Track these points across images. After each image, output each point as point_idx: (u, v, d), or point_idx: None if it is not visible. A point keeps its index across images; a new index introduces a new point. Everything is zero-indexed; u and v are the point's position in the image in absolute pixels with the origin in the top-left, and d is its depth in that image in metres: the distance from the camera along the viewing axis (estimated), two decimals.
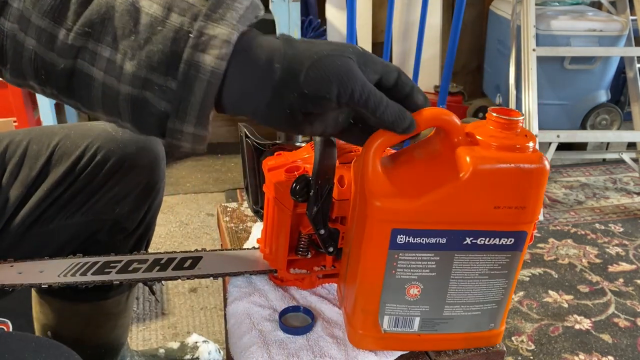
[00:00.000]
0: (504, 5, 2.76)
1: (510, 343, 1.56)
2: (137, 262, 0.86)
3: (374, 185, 0.62)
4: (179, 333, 1.57)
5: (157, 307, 1.67)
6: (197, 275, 0.87)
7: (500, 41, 2.80)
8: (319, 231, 0.81)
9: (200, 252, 0.91)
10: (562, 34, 2.44)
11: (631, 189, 2.56)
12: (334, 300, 0.92)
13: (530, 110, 2.26)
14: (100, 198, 0.96)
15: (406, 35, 3.12)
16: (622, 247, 2.06)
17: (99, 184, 0.94)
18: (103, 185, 0.95)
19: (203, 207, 2.26)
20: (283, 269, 0.88)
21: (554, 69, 2.50)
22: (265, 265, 0.91)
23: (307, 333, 0.83)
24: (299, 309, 0.86)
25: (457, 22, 2.29)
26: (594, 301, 1.76)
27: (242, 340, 0.81)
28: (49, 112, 2.18)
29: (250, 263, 0.93)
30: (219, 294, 1.74)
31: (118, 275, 0.82)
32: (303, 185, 0.76)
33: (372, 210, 0.62)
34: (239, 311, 0.86)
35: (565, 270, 1.91)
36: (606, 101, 2.60)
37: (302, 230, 0.86)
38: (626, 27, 2.46)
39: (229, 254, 0.95)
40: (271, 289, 0.92)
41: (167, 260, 0.87)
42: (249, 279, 0.94)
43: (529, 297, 1.76)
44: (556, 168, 2.75)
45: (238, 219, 1.15)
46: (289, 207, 0.82)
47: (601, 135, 2.47)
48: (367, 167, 0.63)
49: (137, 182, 0.98)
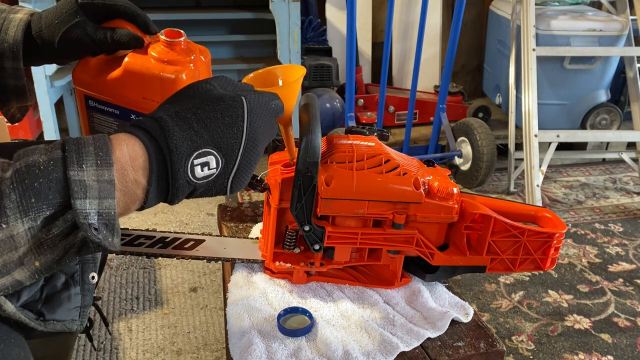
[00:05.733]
0: (504, 5, 2.76)
1: (510, 343, 1.57)
2: (144, 237, 0.91)
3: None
4: (179, 333, 1.57)
5: (156, 308, 1.67)
6: (192, 257, 0.92)
7: (500, 41, 2.80)
8: (303, 227, 0.83)
9: (204, 236, 0.95)
10: (562, 34, 2.44)
11: (631, 189, 2.56)
12: (333, 300, 0.92)
13: (530, 110, 2.26)
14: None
15: (406, 35, 3.12)
16: (621, 246, 2.06)
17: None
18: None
19: (203, 207, 2.27)
20: (269, 260, 0.92)
21: (553, 68, 2.50)
22: (260, 256, 0.95)
23: (307, 334, 0.83)
24: (298, 310, 0.87)
25: (457, 22, 2.29)
26: (594, 301, 1.76)
27: (241, 340, 0.81)
28: (49, 113, 2.18)
29: (247, 252, 0.95)
30: (219, 294, 1.74)
31: (122, 247, 0.86)
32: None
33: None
34: (238, 311, 0.86)
35: (565, 270, 1.91)
36: (606, 101, 2.60)
37: (289, 225, 0.89)
38: (626, 27, 2.46)
39: (230, 241, 0.98)
40: (271, 290, 0.92)
41: (172, 240, 0.92)
42: (249, 279, 0.94)
43: (528, 296, 1.77)
44: (556, 168, 2.75)
45: (238, 219, 1.15)
46: (275, 200, 0.85)
47: (601, 135, 2.47)
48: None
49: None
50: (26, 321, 0.65)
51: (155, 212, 2.21)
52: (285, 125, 0.79)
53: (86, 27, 0.73)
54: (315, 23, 2.85)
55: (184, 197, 0.59)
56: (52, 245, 0.50)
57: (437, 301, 0.94)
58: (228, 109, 0.59)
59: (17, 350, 0.61)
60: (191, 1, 2.77)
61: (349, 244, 0.89)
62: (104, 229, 0.51)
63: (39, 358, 0.79)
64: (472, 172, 2.43)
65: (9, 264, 0.49)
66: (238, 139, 0.59)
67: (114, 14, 0.74)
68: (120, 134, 0.56)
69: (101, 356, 1.48)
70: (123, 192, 0.54)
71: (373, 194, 0.84)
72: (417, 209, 0.86)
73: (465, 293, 1.78)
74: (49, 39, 0.74)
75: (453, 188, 0.86)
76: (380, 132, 0.97)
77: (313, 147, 0.78)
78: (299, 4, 2.29)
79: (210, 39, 2.74)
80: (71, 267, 0.72)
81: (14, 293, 0.64)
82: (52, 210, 0.49)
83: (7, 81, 0.76)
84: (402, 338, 0.83)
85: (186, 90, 0.62)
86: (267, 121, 0.62)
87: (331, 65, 2.74)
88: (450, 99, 2.82)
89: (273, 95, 0.65)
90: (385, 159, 0.86)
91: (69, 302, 0.71)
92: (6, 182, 0.49)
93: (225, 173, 0.59)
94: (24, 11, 0.76)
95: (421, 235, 0.89)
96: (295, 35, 2.33)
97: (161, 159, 0.55)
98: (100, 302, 1.69)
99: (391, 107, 2.83)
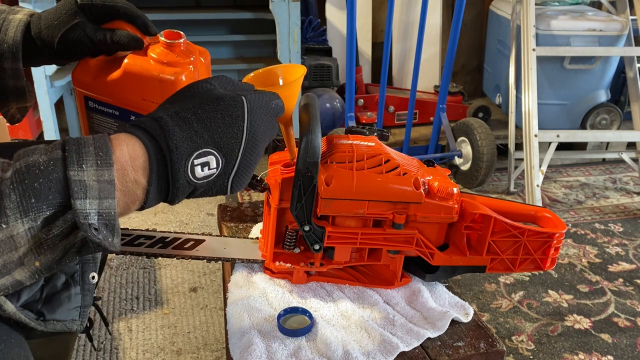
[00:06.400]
0: (504, 5, 2.76)
1: (510, 343, 1.57)
2: (144, 237, 0.91)
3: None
4: (179, 333, 1.57)
5: (156, 308, 1.67)
6: (192, 257, 0.92)
7: (500, 41, 2.80)
8: (302, 227, 0.83)
9: (204, 236, 0.95)
10: (562, 34, 2.44)
11: (631, 189, 2.56)
12: (333, 300, 0.92)
13: (530, 110, 2.26)
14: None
15: (406, 35, 3.12)
16: (621, 246, 2.06)
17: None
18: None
19: (203, 207, 2.27)
20: (269, 260, 0.92)
21: (553, 68, 2.50)
22: (260, 256, 0.95)
23: (307, 334, 0.83)
24: (298, 310, 0.87)
25: (457, 22, 2.29)
26: (594, 301, 1.76)
27: (241, 340, 0.81)
28: (49, 113, 2.18)
29: (247, 252, 0.96)
30: (219, 294, 1.74)
31: (122, 247, 0.86)
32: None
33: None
34: (238, 311, 0.86)
35: (565, 270, 1.91)
36: (606, 101, 2.60)
37: (289, 225, 0.89)
38: (626, 27, 2.46)
39: (230, 241, 0.98)
40: (271, 290, 0.92)
41: (172, 240, 0.92)
42: (249, 279, 0.94)
43: (528, 296, 1.77)
44: (556, 168, 2.75)
45: (238, 219, 1.15)
46: (275, 200, 0.85)
47: (601, 135, 2.47)
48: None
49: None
50: (26, 321, 0.65)
51: (155, 212, 2.21)
52: (286, 125, 0.79)
53: (86, 28, 0.73)
54: (315, 23, 2.85)
55: (184, 197, 0.59)
56: (52, 245, 0.50)
57: (437, 301, 0.94)
58: (228, 108, 0.59)
59: (17, 350, 0.61)
60: (191, 1, 2.77)
61: (349, 244, 0.89)
62: (104, 229, 0.51)
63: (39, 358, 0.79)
64: (472, 172, 2.43)
65: (9, 264, 0.49)
66: (238, 138, 0.59)
67: (114, 15, 0.74)
68: (120, 134, 0.56)
69: (101, 356, 1.48)
70: (123, 192, 0.53)
71: (373, 194, 0.84)
72: (417, 209, 0.86)
73: (465, 293, 1.78)
74: (48, 39, 0.74)
75: (453, 188, 0.86)
76: (380, 132, 0.97)
77: (313, 147, 0.78)
78: (299, 4, 2.29)
79: (210, 39, 2.74)
80: (71, 267, 0.72)
81: (14, 293, 0.64)
82: (52, 211, 0.49)
83: (6, 82, 0.76)
84: (402, 338, 0.83)
85: (186, 90, 0.62)
86: (267, 121, 0.62)
87: (331, 65, 2.74)
88: (450, 99, 2.82)
89: (273, 94, 0.65)
90: (385, 159, 0.86)
91: (69, 302, 0.71)
92: (6, 182, 0.49)
93: (226, 173, 0.59)
94: (24, 12, 0.76)
95: (421, 235, 0.89)
96: (295, 35, 2.33)
97: (161, 159, 0.55)
98: (100, 302, 1.69)
99: (391, 107, 2.83)
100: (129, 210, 0.56)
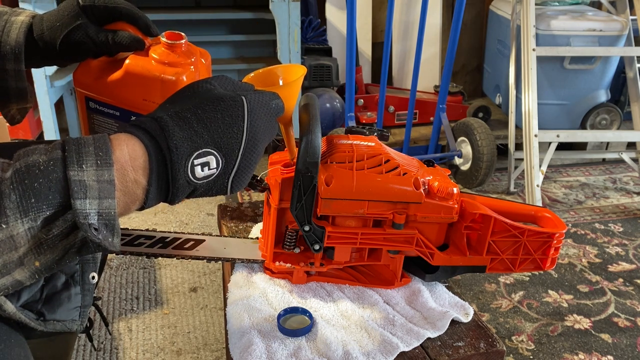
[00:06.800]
0: (504, 5, 2.76)
1: (510, 343, 1.57)
2: (144, 237, 0.91)
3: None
4: (179, 333, 1.57)
5: (156, 308, 1.67)
6: (192, 257, 0.92)
7: (500, 41, 2.80)
8: (302, 227, 0.83)
9: (204, 236, 0.95)
10: (562, 34, 2.44)
11: (631, 189, 2.56)
12: (333, 300, 0.92)
13: (530, 110, 2.26)
14: None
15: (406, 35, 3.12)
16: (621, 246, 2.06)
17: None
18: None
19: (203, 207, 2.27)
20: (269, 260, 0.92)
21: (553, 68, 2.50)
22: (260, 256, 0.95)
23: (307, 334, 0.83)
24: (298, 310, 0.87)
25: (457, 22, 2.29)
26: (594, 301, 1.76)
27: (241, 340, 0.81)
28: (49, 113, 2.18)
29: (247, 252, 0.96)
30: (219, 294, 1.74)
31: (122, 247, 0.86)
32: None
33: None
34: (238, 311, 0.86)
35: (565, 270, 1.91)
36: (606, 101, 2.60)
37: (289, 225, 0.89)
38: (626, 27, 2.46)
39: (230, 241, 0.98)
40: (271, 290, 0.92)
41: (172, 240, 0.92)
42: (249, 279, 0.94)
43: (528, 296, 1.77)
44: (556, 168, 2.75)
45: (238, 219, 1.15)
46: (275, 200, 0.85)
47: (601, 135, 2.47)
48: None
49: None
50: (26, 321, 0.65)
51: (155, 212, 2.22)
52: (286, 125, 0.79)
53: (88, 29, 0.73)
54: (315, 23, 2.85)
55: (184, 197, 0.59)
56: (52, 245, 0.50)
57: (437, 301, 0.94)
58: (228, 108, 0.59)
59: (17, 350, 0.61)
60: (191, 1, 2.77)
61: (349, 244, 0.89)
62: (104, 229, 0.51)
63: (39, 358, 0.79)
64: (472, 172, 2.43)
65: (9, 264, 0.49)
66: (238, 138, 0.59)
67: (116, 16, 0.74)
68: (120, 134, 0.56)
69: (101, 356, 1.48)
70: (123, 192, 0.54)
71: (373, 194, 0.84)
72: (417, 209, 0.86)
73: (465, 293, 1.78)
74: (50, 41, 0.74)
75: (453, 188, 0.86)
76: (380, 132, 0.97)
77: (313, 147, 0.78)
78: (299, 4, 2.29)
79: (210, 39, 2.74)
80: (71, 267, 0.72)
81: (14, 293, 0.64)
82: (52, 211, 0.49)
83: (8, 83, 0.76)
84: (402, 338, 0.84)
85: (186, 90, 0.62)
86: (267, 121, 0.62)
87: (331, 65, 2.74)
88: (450, 99, 2.82)
89: (273, 94, 0.65)
90: (385, 159, 0.86)
91: (69, 302, 0.71)
92: (6, 182, 0.49)
93: (226, 173, 0.59)
94: (26, 13, 0.76)
95: (421, 235, 0.89)
96: (295, 35, 2.33)
97: (161, 159, 0.55)
98: (100, 302, 1.69)
99: (391, 107, 2.83)
100: (129, 210, 0.56)
